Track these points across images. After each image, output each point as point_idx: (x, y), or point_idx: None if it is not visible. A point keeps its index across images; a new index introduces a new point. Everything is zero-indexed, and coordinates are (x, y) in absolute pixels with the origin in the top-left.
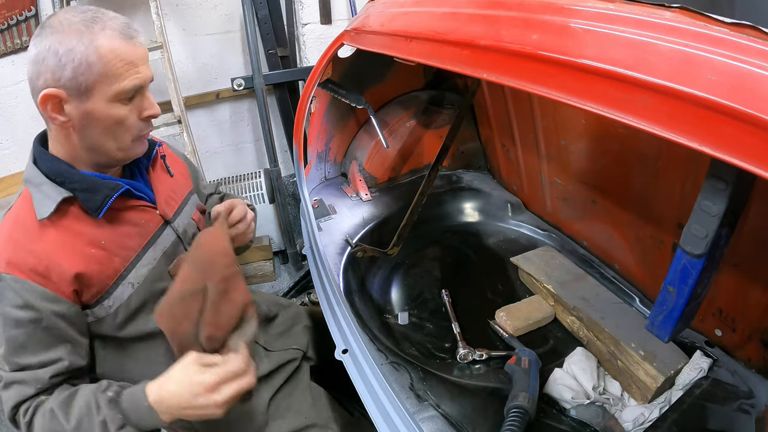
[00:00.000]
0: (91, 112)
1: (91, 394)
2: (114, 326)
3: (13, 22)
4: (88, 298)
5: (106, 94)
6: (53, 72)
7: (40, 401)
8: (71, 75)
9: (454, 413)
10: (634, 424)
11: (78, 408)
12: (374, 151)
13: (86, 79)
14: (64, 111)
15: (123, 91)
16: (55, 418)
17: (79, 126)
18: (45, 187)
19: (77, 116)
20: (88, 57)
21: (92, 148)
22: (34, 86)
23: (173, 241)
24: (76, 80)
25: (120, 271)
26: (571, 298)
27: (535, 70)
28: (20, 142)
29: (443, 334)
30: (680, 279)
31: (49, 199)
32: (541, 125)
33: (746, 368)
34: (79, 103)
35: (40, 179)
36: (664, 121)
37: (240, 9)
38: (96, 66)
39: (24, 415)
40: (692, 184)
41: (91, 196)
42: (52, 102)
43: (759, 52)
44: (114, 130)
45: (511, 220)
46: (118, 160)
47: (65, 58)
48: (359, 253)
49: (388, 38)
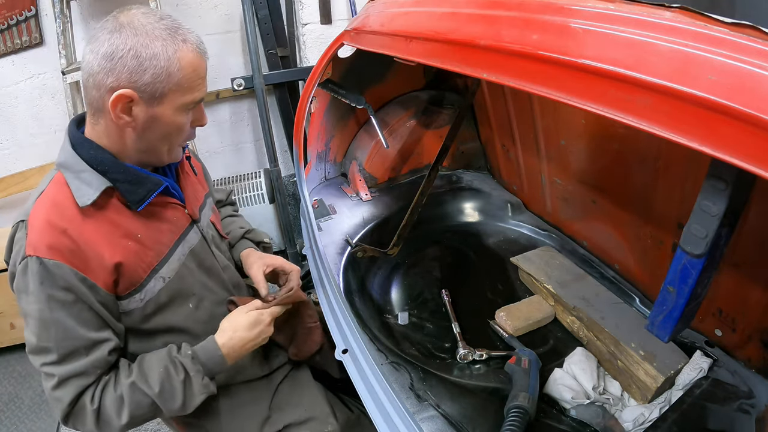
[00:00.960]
0: (158, 117)
1: (165, 356)
2: (140, 319)
3: (13, 22)
4: (121, 290)
5: (175, 103)
6: (131, 73)
7: (105, 382)
8: (150, 80)
9: (454, 413)
10: (634, 424)
11: (157, 373)
12: (374, 151)
13: (163, 86)
14: (132, 112)
15: (192, 102)
16: (136, 389)
17: (141, 128)
18: (86, 175)
19: (143, 119)
20: (170, 67)
21: (146, 149)
22: (100, 81)
23: (199, 239)
24: (153, 86)
25: (153, 265)
26: (571, 298)
27: (535, 70)
28: (20, 142)
29: (443, 334)
30: (680, 279)
31: (90, 187)
32: (541, 125)
33: (746, 368)
34: (148, 107)
35: (81, 166)
36: (664, 121)
37: (240, 9)
38: (175, 76)
39: (91, 402)
40: (692, 184)
41: (135, 188)
42: (123, 102)
43: (759, 52)
44: (172, 136)
45: (511, 220)
46: (163, 163)
47: (147, 63)
48: (359, 253)
49: (388, 38)
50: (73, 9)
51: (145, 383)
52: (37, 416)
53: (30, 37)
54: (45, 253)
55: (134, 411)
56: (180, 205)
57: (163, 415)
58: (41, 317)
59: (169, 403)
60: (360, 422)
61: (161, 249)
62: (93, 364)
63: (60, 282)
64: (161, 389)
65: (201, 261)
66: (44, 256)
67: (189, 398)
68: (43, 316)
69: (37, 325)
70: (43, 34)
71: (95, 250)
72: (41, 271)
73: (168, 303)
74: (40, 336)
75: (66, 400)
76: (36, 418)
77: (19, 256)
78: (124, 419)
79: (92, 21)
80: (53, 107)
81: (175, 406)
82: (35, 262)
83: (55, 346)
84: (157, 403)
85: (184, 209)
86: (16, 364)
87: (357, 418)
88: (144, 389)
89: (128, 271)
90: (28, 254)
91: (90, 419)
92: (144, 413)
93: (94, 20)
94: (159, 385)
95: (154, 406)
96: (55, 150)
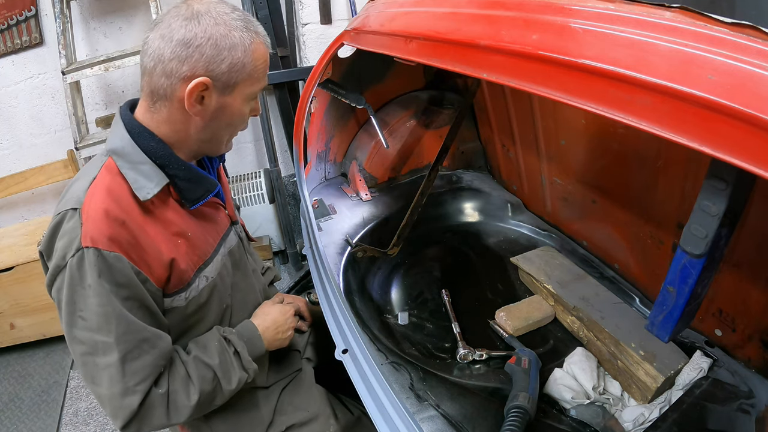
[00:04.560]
0: (227, 106)
1: (216, 333)
2: (180, 318)
3: (13, 22)
4: (170, 287)
5: (244, 93)
6: (209, 62)
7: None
8: (226, 69)
9: (454, 413)
10: (634, 424)
11: (213, 347)
12: (374, 151)
13: (237, 76)
14: (203, 101)
15: (258, 91)
16: (199, 362)
17: (210, 117)
18: (145, 168)
19: (213, 107)
20: (245, 57)
21: (209, 138)
22: (172, 69)
23: (237, 241)
24: (228, 75)
25: (199, 264)
26: (571, 298)
27: (535, 70)
28: (20, 142)
29: (443, 334)
30: (680, 279)
31: (150, 181)
32: (541, 125)
33: (746, 368)
34: (220, 95)
35: (140, 157)
36: (664, 121)
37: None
38: (248, 67)
39: (160, 391)
40: (692, 184)
41: (194, 187)
42: (199, 90)
43: (759, 52)
44: (235, 125)
45: (511, 220)
46: (220, 152)
47: (226, 53)
48: (359, 253)
49: (388, 38)
50: (73, 9)
51: (205, 355)
52: (37, 416)
53: (30, 37)
54: (105, 245)
55: (202, 386)
56: (222, 206)
57: (219, 397)
58: (102, 311)
59: (226, 378)
60: (361, 423)
61: (207, 249)
62: (158, 358)
63: (118, 276)
64: (220, 361)
65: (236, 262)
66: (104, 248)
67: (239, 373)
68: (105, 310)
69: (97, 320)
70: (43, 34)
71: (153, 245)
72: (99, 263)
73: (207, 303)
74: (100, 330)
75: (135, 404)
76: (36, 418)
77: (73, 246)
78: (194, 398)
79: (92, 21)
80: (53, 107)
81: (233, 380)
82: (93, 254)
83: (118, 341)
84: (218, 376)
85: (225, 210)
86: (16, 364)
87: (358, 419)
88: (206, 361)
89: (179, 268)
90: (84, 245)
91: (160, 412)
92: (209, 390)
93: (94, 20)
94: (218, 356)
95: (216, 381)
96: (56, 150)
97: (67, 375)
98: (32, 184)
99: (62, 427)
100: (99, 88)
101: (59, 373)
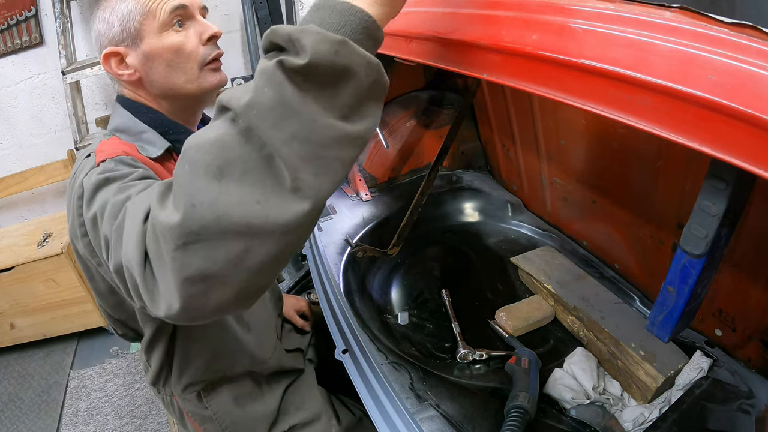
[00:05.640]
0: (148, 52)
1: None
2: None
3: (13, 22)
4: None
5: (153, 29)
6: (106, 35)
7: None
8: (119, 28)
9: (454, 413)
10: (634, 424)
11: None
12: (374, 151)
13: (132, 24)
14: (127, 64)
15: (167, 15)
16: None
17: (145, 71)
18: (147, 135)
19: (139, 63)
20: (128, 6)
21: (166, 91)
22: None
23: None
24: (124, 30)
25: None
26: (571, 298)
27: (535, 70)
28: (20, 142)
29: (443, 334)
30: (680, 279)
31: (153, 146)
32: (541, 125)
33: (746, 368)
34: (136, 49)
35: (141, 127)
36: (664, 121)
37: (240, 9)
38: (135, 10)
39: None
40: (692, 184)
41: None
42: (114, 59)
43: (759, 52)
44: (176, 62)
45: (511, 220)
46: (194, 96)
47: (111, 18)
48: (359, 253)
49: (388, 38)
50: (73, 9)
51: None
52: (37, 416)
53: (30, 37)
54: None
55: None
56: None
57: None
58: (127, 181)
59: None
60: (362, 425)
61: None
62: None
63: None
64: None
65: None
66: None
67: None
68: (130, 178)
69: (123, 187)
70: (43, 34)
71: None
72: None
73: None
74: (131, 193)
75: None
76: (36, 418)
77: (89, 165)
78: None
79: None
80: (53, 107)
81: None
82: (109, 162)
83: (150, 190)
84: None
85: None
86: (16, 364)
87: (359, 421)
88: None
89: None
90: (100, 160)
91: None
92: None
93: None
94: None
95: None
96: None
97: (67, 375)
98: (32, 184)
99: (62, 427)
100: (99, 88)
101: (59, 373)
